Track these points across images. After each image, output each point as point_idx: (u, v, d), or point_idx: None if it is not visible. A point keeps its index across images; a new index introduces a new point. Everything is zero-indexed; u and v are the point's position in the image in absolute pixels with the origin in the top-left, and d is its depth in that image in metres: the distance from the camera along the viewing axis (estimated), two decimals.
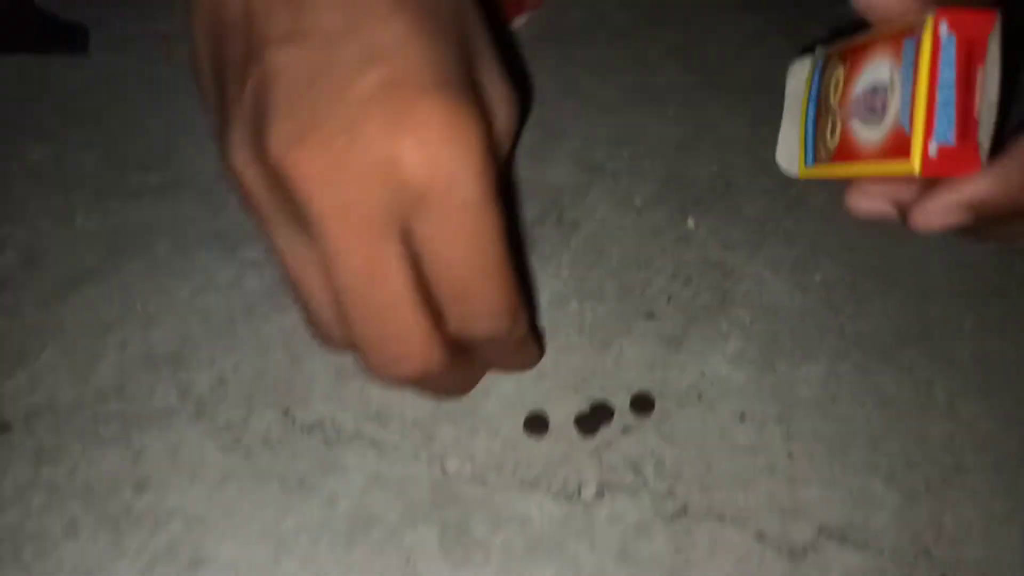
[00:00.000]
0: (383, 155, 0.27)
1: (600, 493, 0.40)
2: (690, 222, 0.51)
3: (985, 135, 0.30)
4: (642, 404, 0.43)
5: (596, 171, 0.54)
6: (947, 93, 0.28)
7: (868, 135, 0.31)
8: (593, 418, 0.42)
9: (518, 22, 0.58)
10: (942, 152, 0.29)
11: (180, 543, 0.37)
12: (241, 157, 0.30)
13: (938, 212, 0.33)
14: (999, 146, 0.32)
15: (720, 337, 0.46)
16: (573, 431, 0.42)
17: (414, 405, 0.42)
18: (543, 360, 0.44)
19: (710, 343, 0.46)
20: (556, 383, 0.43)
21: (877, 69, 0.31)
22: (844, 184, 0.37)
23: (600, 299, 0.47)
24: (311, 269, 0.32)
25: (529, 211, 0.51)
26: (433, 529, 0.38)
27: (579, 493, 0.40)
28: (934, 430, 0.43)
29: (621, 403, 0.43)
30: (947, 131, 0.28)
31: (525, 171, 0.53)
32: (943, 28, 0.28)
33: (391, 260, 0.29)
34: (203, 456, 0.39)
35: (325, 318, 0.34)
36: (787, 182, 0.54)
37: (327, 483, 0.39)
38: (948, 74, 0.28)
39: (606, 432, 0.42)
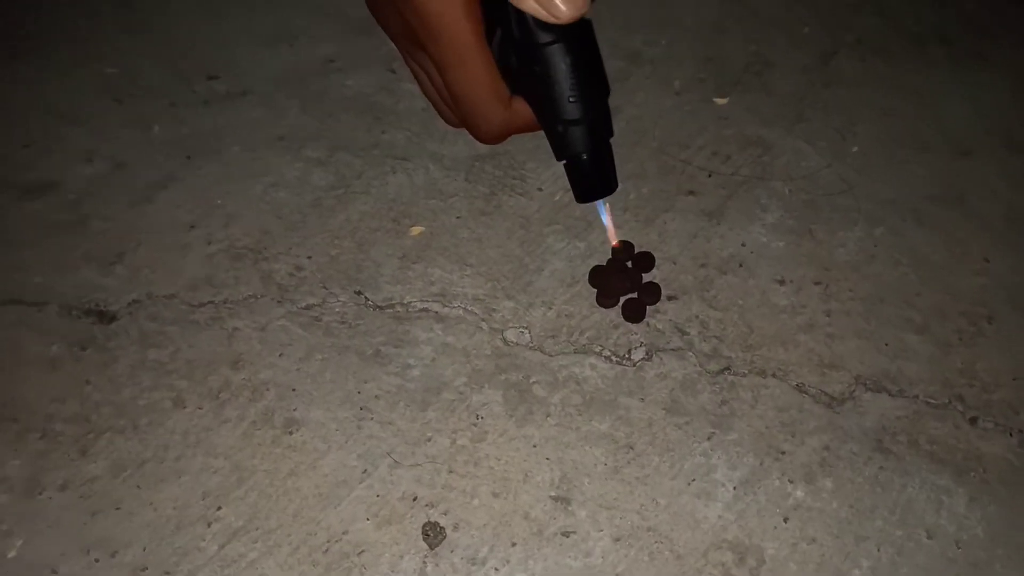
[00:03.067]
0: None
1: (648, 355, 0.43)
2: (722, 100, 0.53)
3: None
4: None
5: (635, 58, 0.55)
6: None
7: None
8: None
9: None
10: None
11: (274, 410, 0.41)
12: None
13: None
14: None
15: (759, 208, 0.48)
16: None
17: (474, 284, 0.45)
18: (590, 237, 0.47)
19: (749, 214, 0.48)
20: (604, 258, 0.46)
21: None
22: (877, 54, 0.40)
23: (643, 178, 0.50)
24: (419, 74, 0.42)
25: None
26: (498, 391, 0.42)
27: (629, 356, 0.43)
28: (967, 285, 0.45)
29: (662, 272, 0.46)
30: None
31: None
32: None
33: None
34: (288, 334, 0.43)
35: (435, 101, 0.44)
36: (823, 59, 0.55)
37: (400, 354, 0.43)
38: None
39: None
